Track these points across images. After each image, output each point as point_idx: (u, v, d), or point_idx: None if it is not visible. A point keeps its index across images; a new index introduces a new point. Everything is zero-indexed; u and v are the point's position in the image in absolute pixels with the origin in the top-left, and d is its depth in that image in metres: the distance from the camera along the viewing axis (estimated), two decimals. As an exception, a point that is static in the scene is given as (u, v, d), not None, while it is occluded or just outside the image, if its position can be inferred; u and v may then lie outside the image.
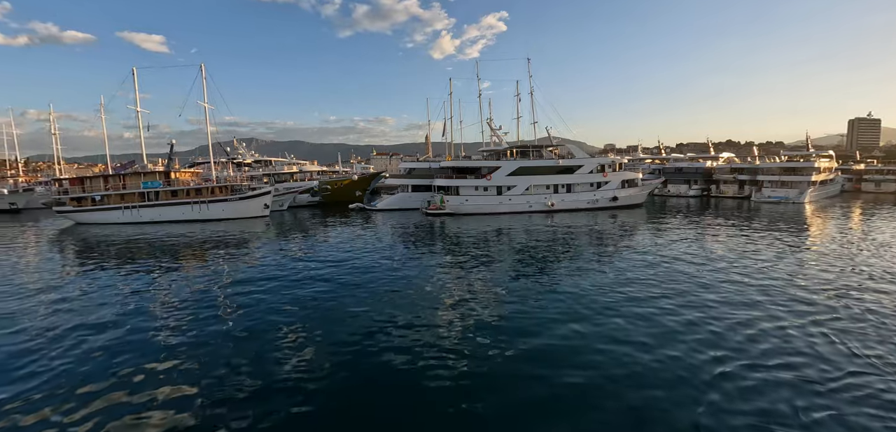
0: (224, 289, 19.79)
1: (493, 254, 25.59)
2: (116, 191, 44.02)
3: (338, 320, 14.89)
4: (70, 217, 45.44)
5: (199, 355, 12.43)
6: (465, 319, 14.69)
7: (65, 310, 16.97)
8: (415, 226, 37.84)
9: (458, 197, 45.10)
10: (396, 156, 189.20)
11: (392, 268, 22.59)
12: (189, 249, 30.21)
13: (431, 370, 11.18)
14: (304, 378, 10.96)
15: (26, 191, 67.29)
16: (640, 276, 19.60)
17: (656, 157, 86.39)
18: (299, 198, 55.58)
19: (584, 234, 32.08)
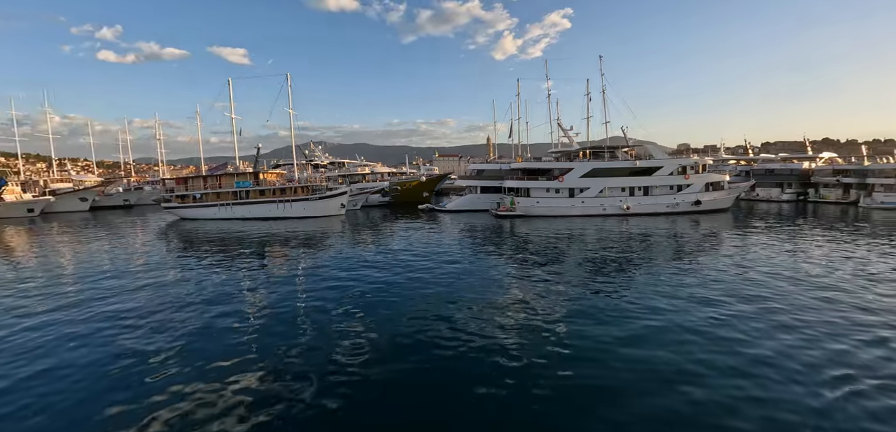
0: (302, 280, 21.40)
1: (563, 259, 24.92)
2: (213, 190, 48.59)
3: (403, 317, 15.21)
4: (175, 212, 50.81)
5: (272, 339, 13.56)
6: (527, 325, 14.33)
7: (165, 291, 19.59)
8: (483, 228, 37.92)
9: (528, 199, 44.58)
10: (459, 157, 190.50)
11: (460, 267, 22.78)
12: (274, 243, 32.69)
13: (482, 374, 11.05)
14: (363, 369, 11.42)
15: (137, 190, 76.37)
16: (726, 291, 17.42)
17: (741, 158, 79.65)
18: (371, 198, 57.85)
19: (662, 241, 30.02)
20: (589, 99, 61.17)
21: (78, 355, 12.67)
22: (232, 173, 49.68)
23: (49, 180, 73.22)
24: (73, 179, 78.09)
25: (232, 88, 49.50)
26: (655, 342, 12.55)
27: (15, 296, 19.19)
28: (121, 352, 12.73)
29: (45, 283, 21.75)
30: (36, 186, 69.22)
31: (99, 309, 17.09)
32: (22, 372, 11.59)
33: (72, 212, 66.95)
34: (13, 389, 10.73)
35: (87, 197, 67.87)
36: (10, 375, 11.40)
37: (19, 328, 14.99)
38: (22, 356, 12.60)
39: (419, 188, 63.83)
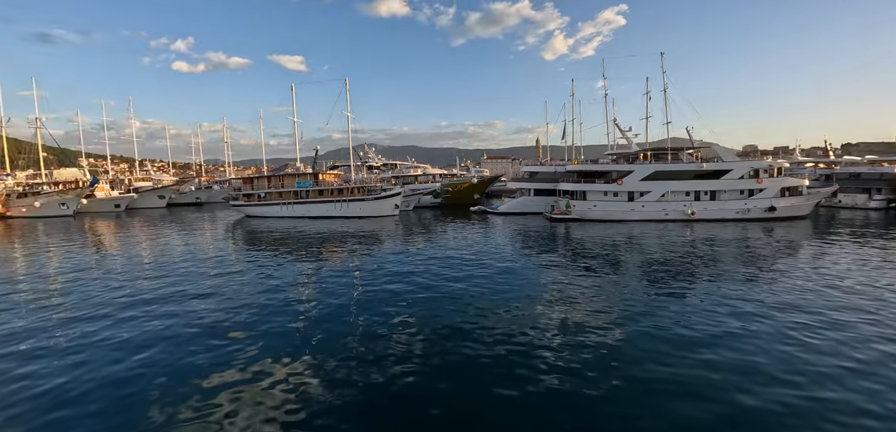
0: (356, 278, 22.10)
1: (620, 266, 23.82)
2: (276, 189, 51.29)
3: (455, 319, 15.23)
4: (241, 210, 54.11)
5: (326, 334, 14.16)
6: (580, 334, 13.80)
7: (232, 282, 21.26)
8: (536, 231, 37.27)
9: (584, 202, 43.36)
10: (509, 159, 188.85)
11: (513, 271, 22.48)
12: (331, 241, 34.03)
13: (528, 382, 10.81)
14: (409, 370, 11.53)
15: (207, 189, 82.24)
16: (807, 307, 15.68)
17: (820, 160, 73.02)
18: (423, 199, 58.68)
19: (731, 250, 27.78)
20: (648, 98, 58.59)
21: (155, 338, 14.10)
22: (293, 174, 52.22)
23: (132, 179, 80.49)
24: (153, 178, 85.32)
25: (295, 94, 52.00)
26: (724, 365, 11.43)
27: (106, 283, 21.26)
28: (191, 337, 14.14)
29: (130, 272, 23.95)
30: (121, 184, 76.28)
31: (176, 297, 18.82)
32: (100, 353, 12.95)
33: (151, 208, 73.13)
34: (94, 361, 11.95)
35: (165, 194, 73.90)
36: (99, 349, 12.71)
37: (111, 315, 16.60)
38: (109, 335, 14.03)
39: (470, 190, 63.96)
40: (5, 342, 13.96)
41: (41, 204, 63.17)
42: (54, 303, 18.44)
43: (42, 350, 13.25)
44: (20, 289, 20.82)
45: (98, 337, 14.15)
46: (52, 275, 24.38)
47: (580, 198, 43.69)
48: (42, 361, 12.37)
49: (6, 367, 12.06)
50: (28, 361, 12.41)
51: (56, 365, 12.11)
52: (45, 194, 63.84)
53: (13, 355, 12.91)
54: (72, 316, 16.45)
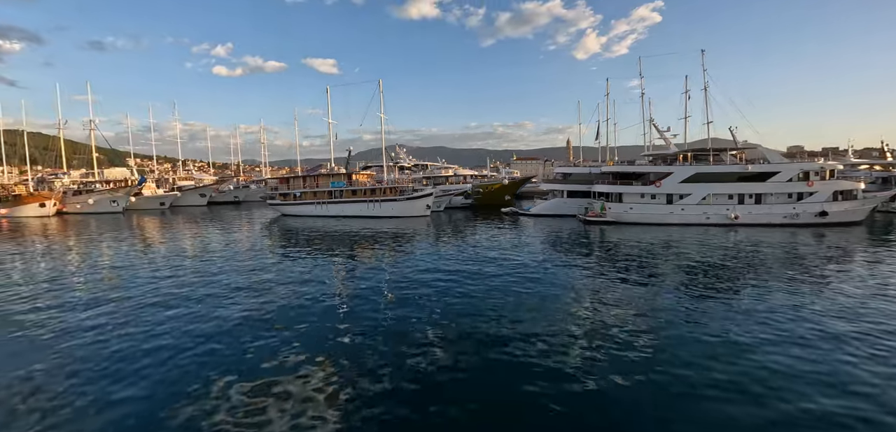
0: (387, 276, 22.35)
1: (657, 271, 22.93)
2: (311, 189, 52.54)
3: (485, 321, 15.07)
4: (277, 209, 55.73)
5: (355, 329, 14.60)
6: (615, 337, 13.42)
7: (267, 277, 22.15)
8: (570, 233, 36.56)
9: (620, 204, 42.28)
10: (540, 160, 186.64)
11: (545, 273, 22.14)
12: (364, 240, 34.54)
13: (559, 382, 10.66)
14: (436, 370, 11.50)
15: (244, 188, 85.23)
16: (855, 318, 14.55)
17: (876, 162, 68.45)
18: (454, 199, 58.74)
19: (778, 256, 26.26)
20: (687, 97, 56.67)
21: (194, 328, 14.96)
22: (328, 174, 53.37)
23: (176, 178, 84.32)
24: (194, 178, 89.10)
25: (329, 96, 53.14)
26: (766, 377, 10.78)
27: (155, 273, 22.32)
28: (229, 327, 15.06)
29: (175, 265, 25.09)
30: (166, 183, 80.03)
31: (217, 288, 19.92)
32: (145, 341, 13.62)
33: (193, 206, 76.36)
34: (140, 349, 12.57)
35: (206, 193, 77.03)
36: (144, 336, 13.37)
37: (163, 303, 17.39)
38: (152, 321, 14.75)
39: (501, 191, 63.56)
40: (72, 321, 15.42)
41: (94, 201, 67.03)
42: (109, 289, 19.57)
43: (101, 328, 14.93)
44: (79, 279, 22.15)
45: (149, 320, 15.25)
46: (106, 265, 25.86)
47: (616, 200, 42.62)
48: (101, 337, 14.12)
49: (72, 343, 13.40)
50: (89, 336, 14.15)
51: (112, 339, 13.67)
52: (98, 192, 67.71)
53: (78, 331, 14.41)
54: (128, 300, 17.61)
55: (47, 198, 65.70)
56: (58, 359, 12.47)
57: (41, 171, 77.24)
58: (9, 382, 11.22)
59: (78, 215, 65.81)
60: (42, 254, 30.80)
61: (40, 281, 22.30)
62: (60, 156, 73.69)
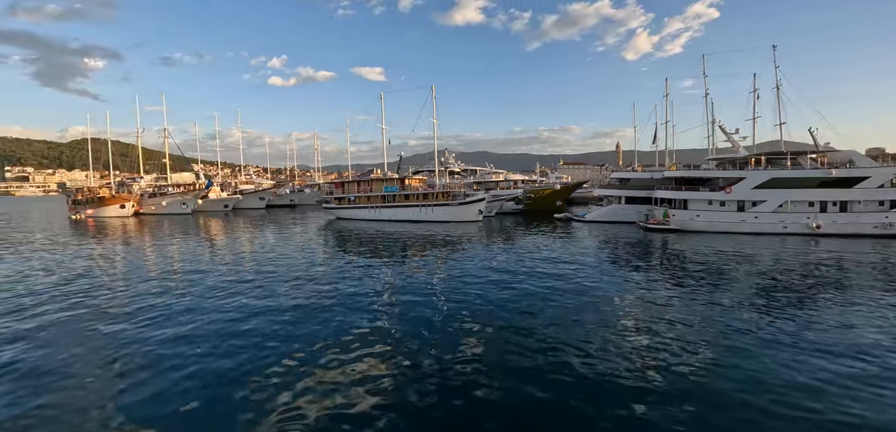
0: (438, 282, 22.04)
1: (726, 285, 20.92)
2: (365, 193, 53.76)
3: (539, 332, 14.39)
4: (332, 212, 57.52)
5: (404, 329, 14.64)
6: (679, 353, 12.36)
7: (322, 275, 22.59)
8: (629, 242, 34.84)
9: (686, 211, 40.04)
10: (588, 165, 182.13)
11: (603, 283, 21.06)
12: (415, 244, 34.61)
13: (614, 400, 9.99)
14: (480, 381, 11.10)
15: (299, 192, 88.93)
16: None
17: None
18: (505, 205, 58.14)
19: (867, 271, 23.50)
20: (756, 96, 53.00)
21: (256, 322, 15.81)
22: (381, 179, 54.46)
23: (238, 182, 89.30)
24: (254, 182, 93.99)
25: (383, 102, 54.29)
26: (848, 414, 9.48)
27: (222, 268, 23.46)
28: (283, 320, 15.90)
29: (241, 261, 26.31)
30: (229, 187, 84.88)
31: (277, 284, 20.98)
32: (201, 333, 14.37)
33: (253, 208, 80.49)
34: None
35: (264, 196, 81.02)
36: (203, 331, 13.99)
37: (226, 298, 18.22)
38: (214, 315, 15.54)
39: (552, 196, 62.24)
40: (148, 306, 17.33)
41: (167, 203, 72.20)
42: (185, 279, 20.79)
43: (172, 310, 17.01)
44: (157, 272, 23.73)
45: (222, 308, 16.22)
46: (186, 258, 27.56)
47: (680, 206, 40.42)
48: (172, 318, 16.19)
49: (148, 324, 15.04)
50: (163, 317, 16.13)
51: (182, 321, 15.40)
52: (170, 195, 72.88)
53: (153, 314, 16.23)
54: (202, 288, 18.78)
55: (127, 200, 71.54)
56: (146, 338, 13.39)
57: (120, 176, 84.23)
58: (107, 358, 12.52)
59: (152, 215, 71.16)
60: (134, 250, 33.37)
61: (139, 272, 24.14)
62: (138, 162, 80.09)
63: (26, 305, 18.43)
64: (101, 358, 12.89)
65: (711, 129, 57.26)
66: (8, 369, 12.19)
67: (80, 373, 11.88)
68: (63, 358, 12.89)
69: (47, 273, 25.20)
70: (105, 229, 52.61)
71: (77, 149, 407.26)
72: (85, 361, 12.69)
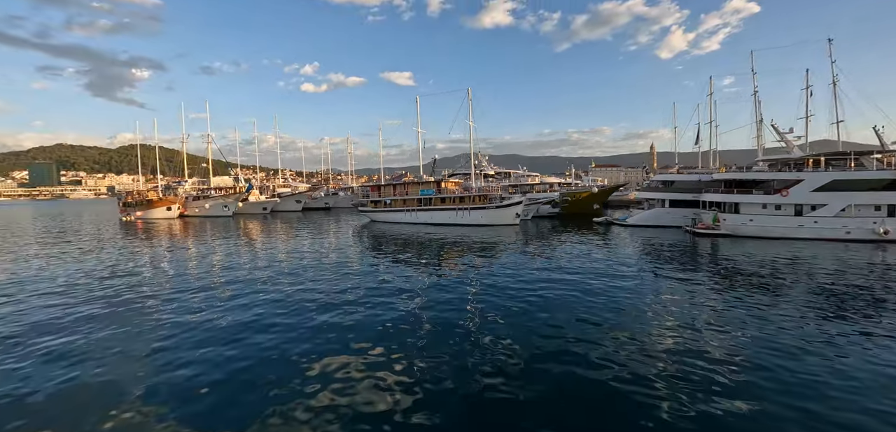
0: (474, 285, 21.69)
1: (783, 294, 19.39)
2: (401, 197, 53.99)
3: (583, 342, 13.67)
4: (367, 215, 58.06)
5: (435, 339, 14.19)
6: (734, 370, 11.44)
7: (359, 277, 23.74)
8: (673, 247, 33.19)
9: (737, 215, 38.12)
10: (620, 167, 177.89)
11: (648, 290, 20.03)
12: (453, 248, 34.29)
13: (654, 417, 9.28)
14: (511, 392, 10.65)
15: (334, 195, 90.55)
16: None
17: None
18: (541, 208, 57.19)
19: None
20: (809, 93, 50.07)
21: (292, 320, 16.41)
22: (417, 182, 54.58)
23: (275, 185, 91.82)
24: (291, 185, 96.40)
25: (419, 106, 54.47)
26: None
27: (271, 268, 23.89)
28: (318, 319, 16.41)
29: (282, 262, 26.76)
30: (267, 190, 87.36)
31: (313, 284, 21.72)
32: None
33: (290, 211, 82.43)
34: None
35: (301, 199, 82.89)
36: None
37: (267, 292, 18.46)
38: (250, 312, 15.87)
39: (590, 199, 60.83)
40: (191, 299, 18.64)
41: (209, 205, 74.88)
42: (235, 276, 21.27)
43: (215, 304, 18.06)
44: (201, 269, 24.40)
45: (263, 302, 17.54)
46: (236, 255, 28.32)
47: (731, 210, 38.52)
48: (213, 310, 17.36)
49: (191, 316, 15.84)
50: (204, 310, 17.19)
51: (226, 311, 15.94)
52: (213, 198, 75.58)
53: (195, 306, 17.27)
54: (246, 285, 19.21)
55: (173, 202, 74.67)
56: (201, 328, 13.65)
57: (165, 180, 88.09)
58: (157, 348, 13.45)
59: (195, 217, 73.96)
60: (186, 250, 34.62)
61: (198, 269, 24.94)
62: (183, 166, 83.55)
63: (97, 297, 19.43)
64: (167, 342, 14.21)
65: (759, 129, 54.64)
66: (76, 353, 13.24)
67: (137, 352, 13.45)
68: (132, 340, 14.51)
69: (114, 266, 26.43)
70: (153, 230, 54.98)
71: (125, 155, 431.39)
72: (147, 344, 14.11)
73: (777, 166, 41.13)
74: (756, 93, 53.79)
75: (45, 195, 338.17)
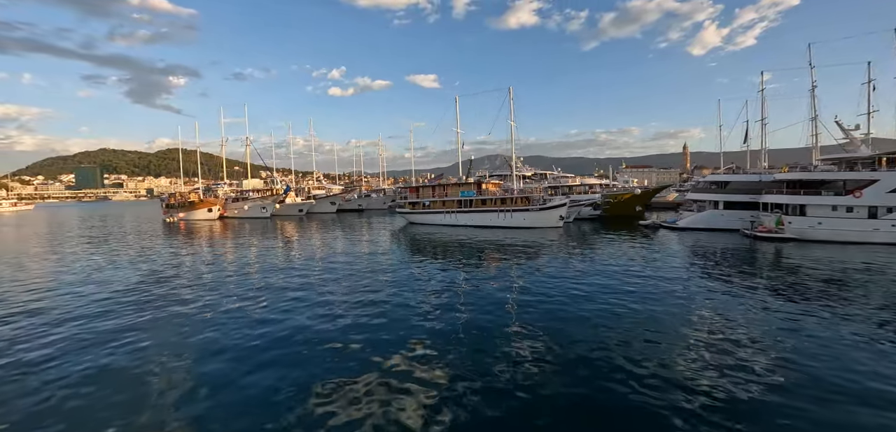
0: (518, 292, 20.81)
1: (859, 306, 17.51)
2: (440, 198, 53.43)
3: (643, 359, 12.54)
4: (405, 217, 57.75)
5: (471, 346, 13.72)
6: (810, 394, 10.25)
7: (398, 279, 23.83)
8: (728, 252, 31.09)
9: (803, 218, 35.77)
10: (653, 168, 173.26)
11: (709, 300, 18.57)
12: (494, 251, 33.29)
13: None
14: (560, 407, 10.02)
15: (366, 197, 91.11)
16: None
17: None
18: (582, 210, 55.61)
19: None
20: (871, 87, 46.95)
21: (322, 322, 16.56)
22: (457, 183, 53.93)
23: (310, 187, 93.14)
24: (325, 187, 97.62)
25: (458, 106, 53.89)
26: None
27: (292, 273, 23.62)
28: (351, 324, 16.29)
29: (319, 263, 26.52)
30: (303, 192, 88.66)
31: (352, 284, 21.95)
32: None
33: (324, 212, 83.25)
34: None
35: (335, 201, 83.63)
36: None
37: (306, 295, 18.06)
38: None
39: (632, 201, 58.79)
40: (230, 296, 19.02)
41: (248, 207, 76.36)
42: (282, 277, 21.06)
43: (252, 302, 18.92)
44: (243, 267, 24.38)
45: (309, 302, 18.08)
46: (280, 256, 28.34)
47: (796, 212, 36.18)
48: (250, 306, 17.63)
49: (232, 313, 15.86)
50: (242, 306, 17.76)
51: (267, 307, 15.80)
52: (251, 199, 77.06)
53: (233, 303, 17.27)
54: (294, 282, 19.19)
55: (213, 204, 76.50)
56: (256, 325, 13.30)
57: (205, 182, 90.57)
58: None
59: (234, 219, 75.57)
60: (229, 250, 35.06)
61: (239, 266, 25.01)
62: (222, 169, 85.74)
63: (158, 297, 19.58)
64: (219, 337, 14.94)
65: (815, 126, 51.61)
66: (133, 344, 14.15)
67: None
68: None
69: (168, 268, 26.86)
70: (196, 231, 56.28)
71: (163, 159, 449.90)
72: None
73: (843, 166, 38.45)
74: (814, 88, 50.83)
75: (90, 197, 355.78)
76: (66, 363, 12.88)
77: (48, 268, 29.55)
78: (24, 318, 17.52)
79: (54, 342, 14.64)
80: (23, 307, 19.30)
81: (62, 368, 12.51)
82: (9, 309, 19.08)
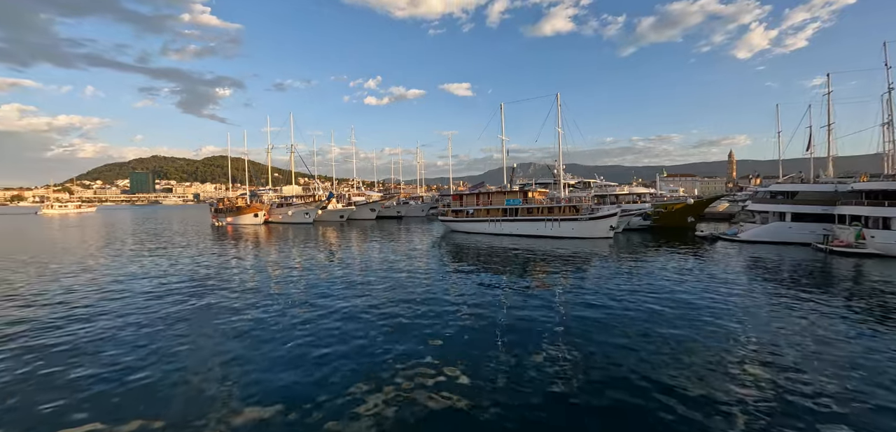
0: (568, 307, 19.52)
1: None
2: (484, 206, 52.68)
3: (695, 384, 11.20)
4: (447, 225, 57.30)
5: (510, 362, 13.14)
6: None
7: (439, 289, 23.17)
8: (798, 267, 28.54)
9: (888, 232, 32.67)
10: (695, 177, 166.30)
11: (779, 326, 16.59)
12: (539, 262, 32.05)
13: None
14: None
15: (405, 204, 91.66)
16: None
17: None
18: (632, 220, 53.47)
19: None
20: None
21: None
22: (502, 191, 53.09)
23: (351, 194, 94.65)
24: (364, 194, 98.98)
25: (503, 113, 53.19)
26: None
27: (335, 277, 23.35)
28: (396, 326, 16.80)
29: (360, 268, 26.21)
30: (343, 199, 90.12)
31: (393, 291, 22.42)
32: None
33: (364, 219, 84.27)
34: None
35: (375, 208, 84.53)
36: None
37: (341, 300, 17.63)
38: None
39: (684, 211, 56.10)
40: (275, 299, 19.77)
41: (292, 212, 78.26)
42: (325, 278, 20.89)
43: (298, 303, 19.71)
44: (282, 272, 24.42)
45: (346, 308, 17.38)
46: (320, 260, 28.46)
47: (880, 225, 33.14)
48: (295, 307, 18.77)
49: (277, 313, 16.30)
50: (287, 309, 18.41)
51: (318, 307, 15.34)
52: (295, 205, 78.97)
53: (278, 305, 18.78)
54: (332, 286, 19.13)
55: (260, 209, 78.90)
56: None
57: (250, 188, 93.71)
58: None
59: (279, 224, 77.60)
60: (279, 255, 35.65)
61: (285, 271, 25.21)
62: (268, 176, 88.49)
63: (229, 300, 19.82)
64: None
65: (891, 132, 47.52)
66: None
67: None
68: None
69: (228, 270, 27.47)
70: (243, 235, 57.93)
71: (209, 166, 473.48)
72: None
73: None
74: (892, 91, 46.88)
75: (142, 201, 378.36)
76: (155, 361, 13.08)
77: (155, 265, 30.81)
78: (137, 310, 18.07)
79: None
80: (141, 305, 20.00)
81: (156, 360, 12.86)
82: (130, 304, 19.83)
